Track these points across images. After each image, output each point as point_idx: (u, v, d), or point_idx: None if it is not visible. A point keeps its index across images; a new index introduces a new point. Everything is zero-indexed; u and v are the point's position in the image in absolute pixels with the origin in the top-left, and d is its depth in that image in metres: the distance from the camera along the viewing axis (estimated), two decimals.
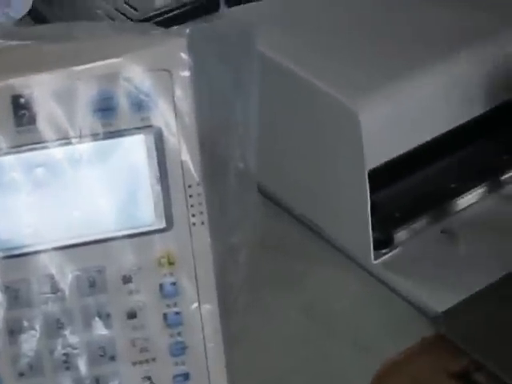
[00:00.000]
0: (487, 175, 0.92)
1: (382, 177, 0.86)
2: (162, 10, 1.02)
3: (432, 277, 0.85)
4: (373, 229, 0.85)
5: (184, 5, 0.99)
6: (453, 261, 0.86)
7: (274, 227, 0.91)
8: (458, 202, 0.91)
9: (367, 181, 0.83)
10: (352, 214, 0.86)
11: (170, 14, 1.01)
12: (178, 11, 1.00)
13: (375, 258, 0.87)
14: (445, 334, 0.81)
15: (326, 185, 0.89)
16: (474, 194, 0.91)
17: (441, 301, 0.82)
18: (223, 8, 0.92)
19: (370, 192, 0.84)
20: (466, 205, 0.91)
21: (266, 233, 0.84)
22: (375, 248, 0.87)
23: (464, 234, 0.88)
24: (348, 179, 0.85)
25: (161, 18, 1.01)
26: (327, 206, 0.90)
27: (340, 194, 0.87)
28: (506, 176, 0.92)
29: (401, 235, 0.88)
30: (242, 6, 0.93)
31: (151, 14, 1.03)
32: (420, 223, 0.89)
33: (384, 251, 0.87)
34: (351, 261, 0.89)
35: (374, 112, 0.82)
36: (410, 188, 0.90)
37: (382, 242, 0.87)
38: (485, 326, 0.81)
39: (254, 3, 0.92)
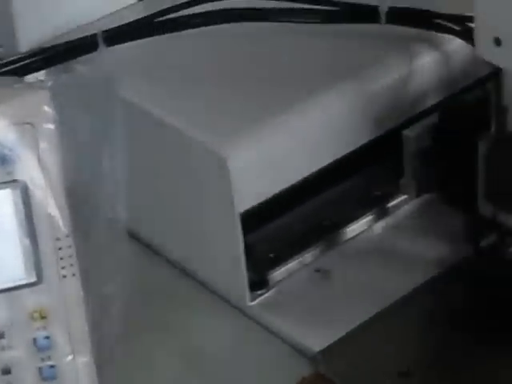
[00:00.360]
0: (372, 204, 0.93)
1: (255, 218, 0.85)
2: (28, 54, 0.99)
3: (308, 316, 0.85)
4: (248, 270, 0.85)
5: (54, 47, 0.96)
6: (328, 299, 0.86)
7: (150, 274, 0.91)
8: (336, 236, 0.91)
9: (240, 223, 0.83)
10: (227, 257, 0.86)
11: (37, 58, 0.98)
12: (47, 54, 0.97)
13: (251, 300, 0.87)
14: (324, 373, 0.81)
15: (199, 229, 0.88)
16: (359, 224, 0.92)
17: (318, 340, 0.82)
18: (102, 47, 0.90)
19: (244, 234, 0.84)
20: (347, 237, 0.92)
21: (143, 280, 0.84)
22: (251, 289, 0.86)
23: (340, 270, 0.89)
24: (220, 223, 0.85)
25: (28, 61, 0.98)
26: (202, 251, 0.89)
27: (214, 237, 0.87)
28: (393, 203, 0.93)
29: (276, 275, 0.88)
30: (106, 50, 0.91)
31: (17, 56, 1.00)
32: (295, 262, 0.89)
33: (260, 292, 0.87)
34: (228, 304, 0.88)
35: (242, 156, 0.82)
36: (284, 227, 0.90)
37: (258, 283, 0.87)
38: (363, 363, 0.81)
39: (118, 47, 0.91)
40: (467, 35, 0.84)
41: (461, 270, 0.85)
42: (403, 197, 0.92)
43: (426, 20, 0.91)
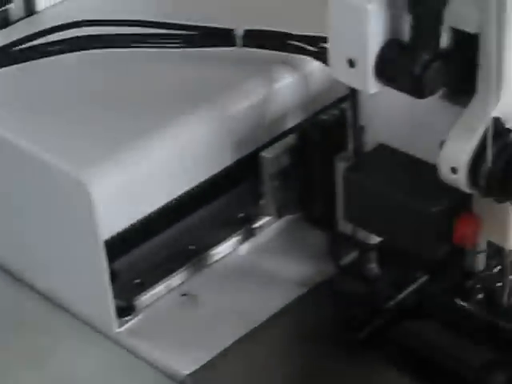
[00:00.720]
0: (237, 226, 0.93)
1: (119, 244, 0.86)
2: None
3: (176, 340, 0.86)
4: (114, 297, 0.85)
5: None
6: (196, 322, 0.87)
7: (18, 304, 0.90)
8: (202, 259, 0.92)
9: (104, 251, 0.83)
10: (93, 285, 0.86)
11: None
12: None
13: (119, 326, 0.86)
14: None
15: (64, 258, 0.88)
16: (225, 246, 0.93)
17: (187, 364, 0.83)
18: None
19: (109, 260, 0.84)
20: (213, 260, 0.92)
21: (11, 310, 0.83)
22: (118, 316, 0.86)
23: (207, 293, 0.89)
24: (85, 251, 0.85)
25: None
26: (69, 280, 0.89)
27: (79, 265, 0.87)
28: (256, 225, 0.94)
29: (143, 301, 0.88)
30: None
31: None
32: (161, 287, 0.89)
33: (127, 318, 0.87)
34: (96, 331, 0.88)
35: (105, 182, 0.82)
36: (150, 253, 0.91)
37: (125, 310, 0.87)
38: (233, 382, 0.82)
39: None
40: (322, 56, 0.85)
41: (324, 288, 0.86)
42: (266, 218, 0.93)
43: (281, 42, 0.91)
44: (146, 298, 0.89)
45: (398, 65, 0.67)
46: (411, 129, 0.73)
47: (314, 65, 0.91)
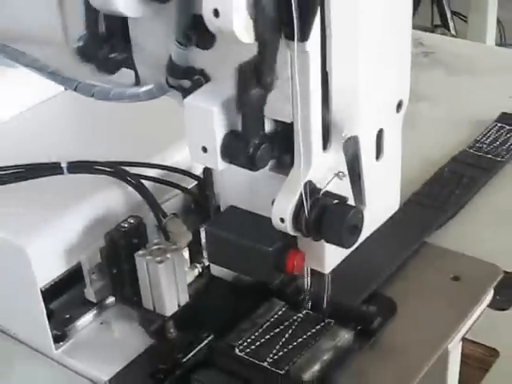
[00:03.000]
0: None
1: (53, 290, 0.83)
2: None
3: (98, 355, 0.82)
4: (51, 329, 0.82)
5: None
6: (110, 341, 0.84)
7: None
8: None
9: (40, 296, 0.80)
10: (35, 321, 0.82)
11: None
12: None
13: (56, 349, 0.83)
14: None
15: (12, 302, 0.85)
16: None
17: (106, 372, 0.80)
18: None
19: (49, 302, 0.82)
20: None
21: None
22: (55, 342, 0.83)
23: (117, 322, 0.86)
24: (26, 297, 0.82)
25: None
26: (16, 317, 0.85)
27: (23, 306, 0.83)
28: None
29: (73, 329, 0.84)
30: None
31: None
32: (85, 319, 0.85)
33: (61, 343, 0.83)
34: (40, 353, 0.84)
35: (38, 245, 0.79)
36: (76, 294, 0.86)
37: (59, 337, 0.83)
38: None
39: None
40: (120, 175, 0.84)
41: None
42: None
43: (91, 168, 0.85)
44: (74, 327, 0.85)
45: (236, 148, 0.65)
46: (251, 193, 0.71)
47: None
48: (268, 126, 0.66)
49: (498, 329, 0.84)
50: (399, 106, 0.72)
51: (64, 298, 0.85)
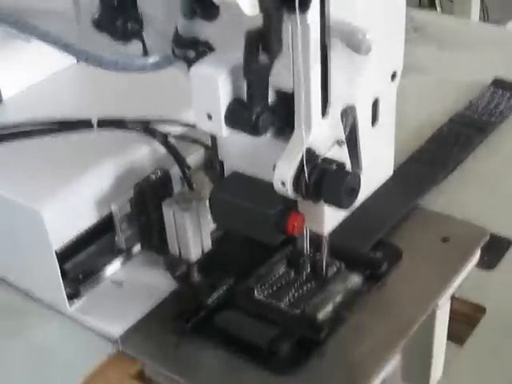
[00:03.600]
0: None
1: (67, 251, 0.81)
2: None
3: (109, 313, 0.81)
4: (65, 287, 0.81)
5: None
6: (122, 300, 0.82)
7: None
8: (125, 257, 0.86)
9: (55, 257, 0.79)
10: (50, 280, 0.81)
11: None
12: None
13: (70, 306, 0.82)
14: (124, 350, 0.78)
15: (30, 263, 0.84)
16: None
17: (118, 328, 0.79)
18: None
19: (61, 263, 0.80)
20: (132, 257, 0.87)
21: None
22: (69, 299, 0.82)
23: (129, 280, 0.85)
24: (43, 258, 0.80)
25: None
26: (34, 277, 0.84)
27: (41, 267, 0.82)
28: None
29: (85, 288, 0.84)
30: None
31: None
32: (97, 278, 0.84)
33: (75, 300, 0.83)
34: (55, 311, 0.83)
35: (52, 208, 0.78)
36: (89, 253, 0.85)
37: (73, 295, 0.83)
38: (150, 338, 0.78)
39: None
40: (150, 132, 0.84)
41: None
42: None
43: (123, 125, 0.86)
44: (87, 286, 0.84)
45: (240, 115, 0.63)
46: (254, 159, 0.70)
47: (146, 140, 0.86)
48: (270, 96, 0.64)
49: (485, 287, 0.84)
50: (394, 75, 0.71)
51: (80, 256, 0.84)
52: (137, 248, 0.86)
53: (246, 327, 0.76)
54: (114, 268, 0.85)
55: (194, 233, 0.79)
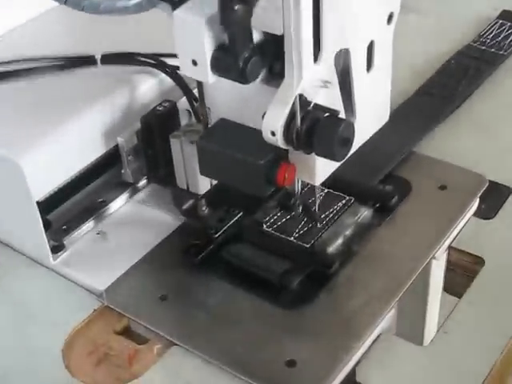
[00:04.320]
0: (124, 188, 0.86)
1: (50, 202, 0.79)
2: None
3: (95, 266, 0.79)
4: (48, 240, 0.78)
5: None
6: (107, 252, 0.80)
7: None
8: (107, 209, 0.84)
9: (37, 209, 0.76)
10: (33, 232, 0.78)
11: None
12: None
13: (54, 260, 0.79)
14: (108, 305, 0.75)
15: (12, 215, 0.80)
16: (119, 201, 0.85)
17: (102, 281, 0.76)
18: None
19: (44, 214, 0.78)
20: (113, 210, 0.84)
21: None
22: (52, 252, 0.79)
23: (113, 232, 0.82)
24: (24, 209, 0.77)
25: None
26: (16, 229, 0.81)
27: (23, 219, 0.79)
28: (139, 184, 0.86)
29: (69, 240, 0.81)
30: None
31: None
32: (82, 229, 0.82)
33: (59, 254, 0.80)
34: (38, 264, 0.80)
35: (32, 158, 0.75)
36: (73, 205, 0.83)
37: (57, 247, 0.80)
38: (135, 294, 0.75)
39: None
40: (161, 66, 0.83)
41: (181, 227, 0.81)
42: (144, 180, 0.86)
43: (131, 59, 0.85)
44: (71, 238, 0.81)
45: (226, 62, 0.60)
46: (242, 106, 0.66)
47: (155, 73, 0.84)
48: (257, 38, 0.61)
49: (483, 238, 0.81)
50: (390, 18, 0.67)
51: (63, 208, 0.81)
52: (142, 183, 0.85)
53: (256, 261, 0.74)
54: (119, 203, 0.84)
55: None
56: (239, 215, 0.78)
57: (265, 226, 0.77)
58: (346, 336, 0.69)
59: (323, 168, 0.66)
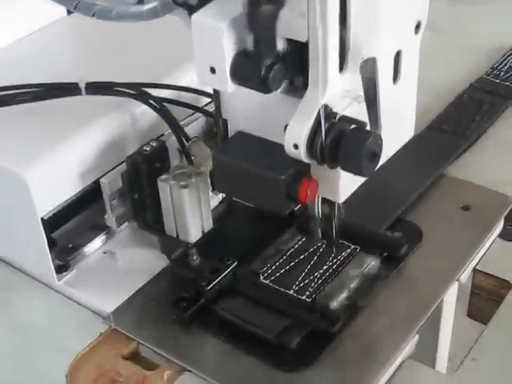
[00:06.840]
0: None
1: (56, 219, 0.75)
2: None
3: (102, 287, 0.75)
4: (53, 259, 0.75)
5: None
6: (114, 273, 0.76)
7: None
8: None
9: (41, 225, 0.72)
10: (38, 251, 0.74)
11: None
12: None
13: (58, 280, 0.76)
14: (116, 328, 0.71)
15: (16, 232, 0.76)
16: None
17: (109, 304, 0.72)
18: None
19: (49, 232, 0.74)
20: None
21: None
22: (57, 272, 0.75)
23: (121, 251, 0.78)
24: (28, 226, 0.73)
25: None
26: (20, 248, 0.77)
27: (27, 236, 0.75)
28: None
29: (75, 259, 0.77)
30: None
31: None
32: (88, 248, 0.78)
33: (64, 273, 0.76)
34: (43, 284, 0.77)
35: (39, 173, 0.71)
36: (78, 223, 0.79)
37: (62, 267, 0.76)
38: (143, 317, 0.71)
39: None
40: (143, 98, 0.76)
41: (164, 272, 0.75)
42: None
43: (111, 90, 0.77)
44: (77, 257, 0.77)
45: (247, 69, 0.56)
46: (262, 117, 0.62)
47: (142, 106, 0.77)
48: (280, 46, 0.57)
49: (509, 260, 0.77)
50: (418, 27, 0.63)
51: (68, 227, 0.77)
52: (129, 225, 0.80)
53: (251, 317, 0.68)
54: (92, 248, 0.78)
55: (192, 212, 0.72)
56: (233, 265, 0.72)
57: (261, 277, 0.71)
58: None
59: (347, 184, 0.62)
